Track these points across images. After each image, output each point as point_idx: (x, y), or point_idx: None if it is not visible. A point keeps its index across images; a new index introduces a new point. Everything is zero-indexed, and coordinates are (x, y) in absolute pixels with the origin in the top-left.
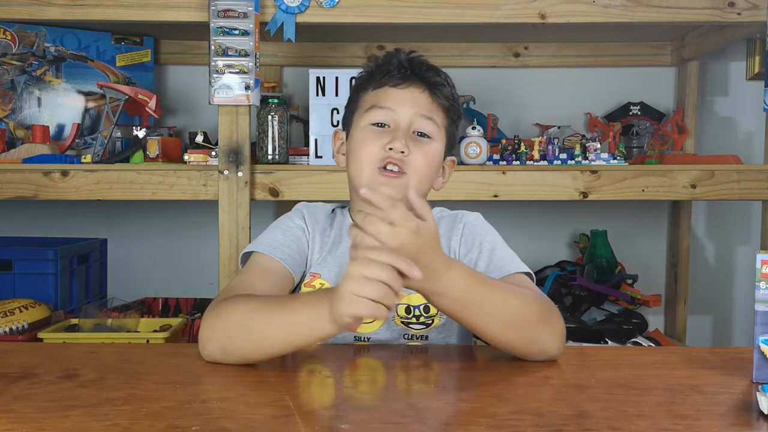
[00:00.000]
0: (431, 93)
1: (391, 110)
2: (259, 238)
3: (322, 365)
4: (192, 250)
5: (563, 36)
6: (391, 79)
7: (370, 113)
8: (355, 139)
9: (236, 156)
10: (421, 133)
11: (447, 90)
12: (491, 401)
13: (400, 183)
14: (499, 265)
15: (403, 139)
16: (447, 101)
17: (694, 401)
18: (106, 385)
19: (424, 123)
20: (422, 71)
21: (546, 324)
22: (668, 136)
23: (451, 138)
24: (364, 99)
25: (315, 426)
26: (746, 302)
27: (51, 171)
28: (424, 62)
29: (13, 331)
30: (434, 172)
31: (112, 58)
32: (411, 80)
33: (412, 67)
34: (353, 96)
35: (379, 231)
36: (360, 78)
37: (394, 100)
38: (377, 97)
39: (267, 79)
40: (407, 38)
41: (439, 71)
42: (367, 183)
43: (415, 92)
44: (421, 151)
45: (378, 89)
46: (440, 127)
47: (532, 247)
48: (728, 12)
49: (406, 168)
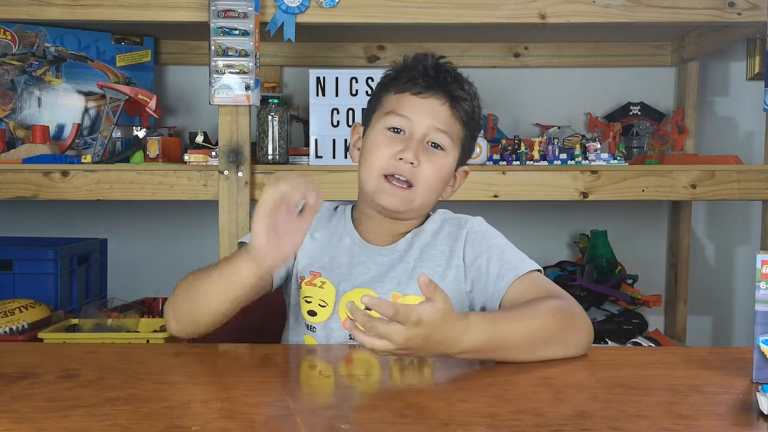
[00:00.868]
0: (451, 106)
1: (408, 119)
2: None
3: (322, 365)
4: (192, 250)
5: (563, 36)
6: (415, 86)
7: (387, 118)
8: (370, 141)
9: (236, 156)
10: (434, 144)
11: (468, 104)
12: (491, 401)
13: (406, 196)
14: (510, 266)
15: (414, 151)
16: (466, 115)
17: (694, 401)
18: (106, 385)
19: (438, 136)
20: (446, 82)
21: (571, 329)
22: (668, 136)
23: (465, 150)
24: (385, 100)
25: (315, 426)
26: (746, 302)
27: (51, 171)
28: (451, 71)
29: (13, 331)
30: (443, 184)
31: (112, 58)
32: (433, 90)
33: (437, 75)
34: (376, 93)
35: (386, 331)
36: (385, 77)
37: (412, 108)
38: (397, 103)
39: (267, 79)
40: (407, 38)
41: (463, 83)
42: (373, 189)
43: (435, 104)
44: (432, 163)
45: (400, 94)
46: (455, 140)
47: (532, 247)
48: (728, 12)
49: (414, 180)
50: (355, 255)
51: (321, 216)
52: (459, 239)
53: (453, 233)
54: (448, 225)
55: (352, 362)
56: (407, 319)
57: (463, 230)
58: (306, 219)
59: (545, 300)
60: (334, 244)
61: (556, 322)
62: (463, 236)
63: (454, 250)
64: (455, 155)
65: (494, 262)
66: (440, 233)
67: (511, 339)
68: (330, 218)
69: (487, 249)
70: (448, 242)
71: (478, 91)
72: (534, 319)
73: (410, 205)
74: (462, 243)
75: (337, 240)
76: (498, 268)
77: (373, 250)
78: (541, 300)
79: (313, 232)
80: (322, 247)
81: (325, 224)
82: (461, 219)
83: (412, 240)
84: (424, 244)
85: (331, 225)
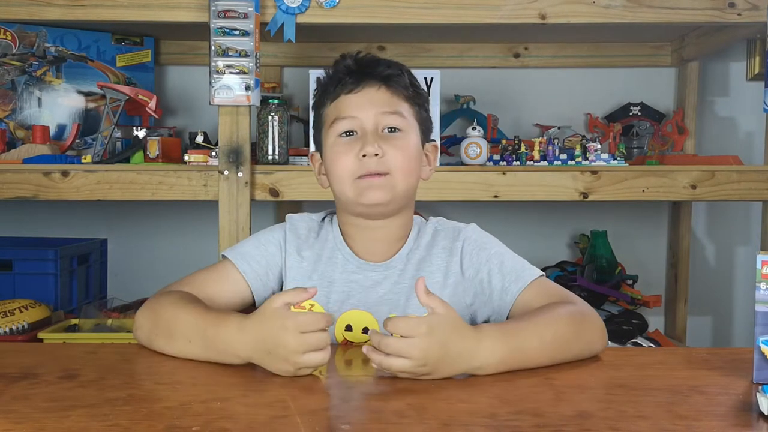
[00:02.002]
0: (387, 87)
1: (354, 117)
2: (237, 245)
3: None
4: (192, 250)
5: (563, 36)
6: (345, 86)
7: (335, 126)
8: (329, 156)
9: (236, 156)
10: (390, 129)
11: (404, 79)
12: (492, 402)
13: (385, 183)
14: (513, 277)
15: (374, 143)
16: (407, 90)
17: (694, 402)
18: (106, 385)
19: (389, 119)
20: (372, 68)
21: (586, 332)
22: (668, 137)
23: (424, 124)
24: (325, 114)
25: (315, 426)
26: (746, 303)
27: (51, 171)
28: (373, 58)
29: (14, 331)
30: (416, 163)
31: (113, 58)
32: (364, 81)
33: (360, 67)
34: (316, 115)
35: (401, 347)
36: (316, 95)
37: (352, 106)
38: (337, 109)
39: (267, 80)
40: (407, 39)
41: (390, 63)
42: (353, 194)
43: (371, 92)
44: (396, 147)
45: (335, 100)
46: (408, 117)
47: (532, 248)
48: (728, 12)
49: (387, 169)
50: (349, 273)
51: (308, 231)
52: (454, 254)
53: (447, 247)
54: (441, 237)
55: (352, 363)
56: (417, 330)
57: (458, 242)
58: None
59: (557, 306)
60: (324, 261)
61: (570, 326)
62: (458, 249)
63: (450, 266)
64: (416, 131)
65: (496, 275)
66: (434, 247)
67: (529, 347)
68: (318, 231)
69: (487, 261)
70: (443, 257)
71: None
72: (548, 325)
73: (393, 192)
74: (458, 258)
75: (328, 256)
76: (501, 280)
77: (367, 267)
78: (552, 307)
79: (301, 250)
80: (312, 266)
81: (313, 240)
82: (454, 229)
83: (407, 259)
84: (419, 260)
85: (320, 240)
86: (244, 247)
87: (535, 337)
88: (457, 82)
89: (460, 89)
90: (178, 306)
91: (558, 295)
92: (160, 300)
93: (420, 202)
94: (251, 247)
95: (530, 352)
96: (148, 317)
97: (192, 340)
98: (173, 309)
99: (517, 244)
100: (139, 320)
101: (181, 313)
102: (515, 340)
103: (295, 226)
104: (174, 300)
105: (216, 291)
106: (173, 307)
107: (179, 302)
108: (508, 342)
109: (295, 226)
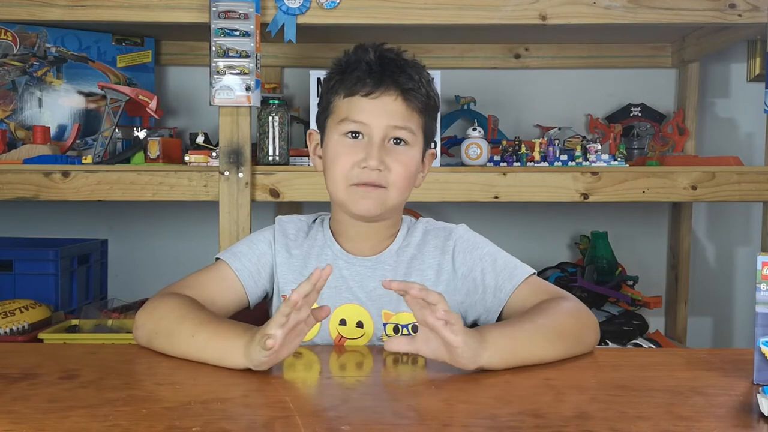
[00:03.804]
0: (405, 99)
1: (364, 124)
2: (230, 247)
3: (322, 366)
4: (192, 251)
5: (564, 37)
6: (363, 86)
7: (342, 125)
8: (330, 151)
9: (237, 157)
10: (396, 140)
11: (421, 92)
12: (491, 402)
13: (380, 195)
14: (505, 276)
15: (378, 157)
16: (422, 104)
17: (695, 403)
18: (106, 385)
19: (398, 132)
20: (394, 75)
21: (583, 328)
22: (669, 138)
23: (429, 133)
24: (336, 105)
25: (315, 427)
26: (747, 304)
27: (52, 172)
28: (396, 60)
29: (14, 331)
30: (413, 177)
31: (113, 58)
32: (382, 86)
33: (382, 69)
34: (325, 97)
35: (453, 316)
36: (331, 79)
37: (366, 112)
38: (349, 109)
39: (268, 80)
40: (408, 39)
41: (412, 72)
42: (345, 199)
43: (388, 101)
44: (398, 162)
45: (350, 98)
46: (416, 131)
47: (533, 249)
48: (729, 13)
49: (385, 183)
50: (339, 268)
51: (297, 231)
52: (446, 252)
53: (439, 246)
54: (432, 236)
55: (352, 363)
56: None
57: (449, 242)
58: (310, 324)
59: (553, 302)
60: (313, 258)
61: (569, 322)
62: (450, 248)
63: (442, 264)
64: (420, 145)
65: (489, 273)
66: (426, 246)
67: (533, 345)
68: (308, 232)
69: (480, 259)
70: (435, 255)
71: (474, 90)
72: (550, 324)
73: (384, 206)
74: (450, 256)
75: (317, 253)
76: (494, 278)
77: (356, 261)
78: (549, 303)
79: (290, 248)
80: (301, 263)
81: (302, 240)
82: (445, 229)
83: (398, 255)
84: (410, 258)
85: (309, 239)
86: (236, 247)
87: (539, 334)
88: (457, 83)
89: (461, 90)
90: (180, 312)
91: (550, 292)
92: (162, 302)
93: (420, 203)
94: (243, 247)
95: (534, 349)
96: (149, 317)
97: (192, 342)
98: (177, 311)
99: (517, 245)
100: (139, 320)
101: (185, 310)
102: (522, 335)
103: (284, 227)
104: (176, 305)
105: (215, 293)
106: (176, 312)
107: (181, 308)
108: (513, 340)
109: (284, 227)
